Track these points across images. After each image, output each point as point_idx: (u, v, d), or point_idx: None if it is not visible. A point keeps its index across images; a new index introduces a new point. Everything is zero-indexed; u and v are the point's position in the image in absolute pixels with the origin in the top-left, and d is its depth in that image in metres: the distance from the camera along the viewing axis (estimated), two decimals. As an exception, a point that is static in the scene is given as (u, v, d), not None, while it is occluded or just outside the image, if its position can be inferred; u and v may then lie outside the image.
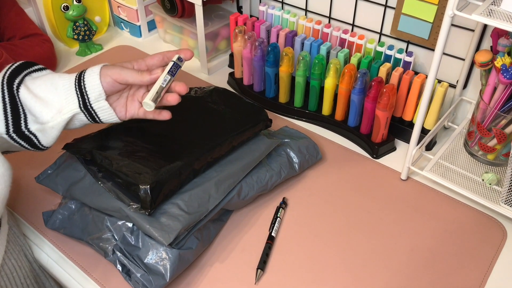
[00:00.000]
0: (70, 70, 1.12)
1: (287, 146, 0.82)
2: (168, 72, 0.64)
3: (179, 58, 0.66)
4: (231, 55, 1.12)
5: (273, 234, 0.74)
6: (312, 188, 0.83)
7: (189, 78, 1.10)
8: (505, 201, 0.73)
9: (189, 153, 0.71)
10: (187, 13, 1.08)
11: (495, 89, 0.76)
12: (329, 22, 1.02)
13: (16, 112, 0.60)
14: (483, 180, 0.79)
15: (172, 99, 0.66)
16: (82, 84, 0.61)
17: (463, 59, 0.87)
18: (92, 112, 0.63)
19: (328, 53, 0.93)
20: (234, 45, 1.01)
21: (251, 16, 1.14)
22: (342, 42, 0.96)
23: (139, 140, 0.73)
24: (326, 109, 0.95)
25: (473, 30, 0.83)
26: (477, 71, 0.88)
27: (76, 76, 0.62)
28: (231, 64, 1.13)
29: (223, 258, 0.71)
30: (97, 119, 0.65)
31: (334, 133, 0.95)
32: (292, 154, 0.82)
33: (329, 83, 0.90)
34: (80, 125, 0.66)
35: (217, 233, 0.74)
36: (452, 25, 0.85)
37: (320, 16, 1.03)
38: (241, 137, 0.77)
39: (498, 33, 0.74)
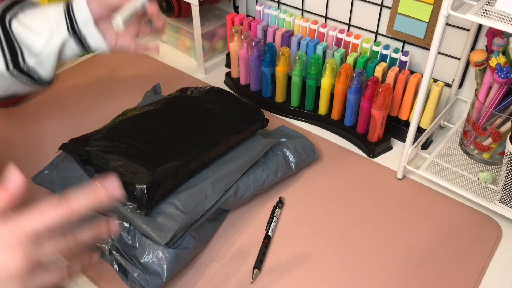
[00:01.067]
0: (68, 70, 1.12)
1: (283, 146, 0.83)
2: None
3: None
4: (228, 55, 1.13)
5: (269, 233, 0.74)
6: (309, 187, 0.83)
7: (186, 77, 1.11)
8: (500, 199, 0.73)
9: (185, 152, 0.71)
10: (183, 13, 1.08)
11: (490, 88, 0.76)
12: (325, 21, 1.02)
13: (12, 47, 0.62)
14: (478, 179, 0.79)
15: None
16: (70, 9, 0.64)
17: (459, 59, 0.88)
18: (81, 37, 0.65)
19: (324, 52, 0.94)
20: (230, 45, 1.01)
21: (247, 16, 1.14)
22: (338, 42, 0.96)
23: (135, 140, 0.73)
24: (322, 109, 0.95)
25: (468, 30, 0.84)
26: (472, 71, 0.88)
27: (65, 4, 0.65)
28: (228, 64, 1.14)
29: (220, 258, 0.71)
30: (86, 46, 0.66)
31: (330, 133, 0.95)
32: (288, 154, 0.82)
33: (326, 82, 0.90)
34: (72, 54, 0.68)
35: (214, 233, 0.75)
36: (448, 24, 0.86)
37: (316, 16, 1.03)
38: (237, 136, 0.77)
39: (493, 33, 0.74)
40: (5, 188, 0.38)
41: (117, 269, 0.67)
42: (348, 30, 1.00)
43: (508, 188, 0.71)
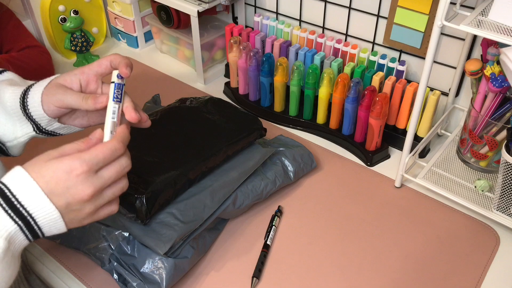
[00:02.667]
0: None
1: (282, 155, 0.83)
2: (114, 100, 0.56)
3: (118, 76, 0.58)
4: (227, 65, 1.14)
5: (268, 242, 0.74)
6: (307, 196, 0.83)
7: (186, 88, 1.12)
8: (497, 207, 0.74)
9: (184, 162, 0.72)
10: (183, 24, 1.10)
11: (485, 97, 0.77)
12: (323, 32, 1.03)
13: None
14: (475, 187, 0.80)
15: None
16: (28, 111, 0.58)
17: (455, 68, 0.89)
18: (50, 132, 0.61)
19: (322, 62, 0.95)
20: (229, 55, 1.02)
21: (246, 26, 1.16)
22: (335, 52, 0.97)
23: (134, 150, 0.73)
24: (320, 118, 0.96)
25: (463, 39, 0.85)
26: (468, 79, 0.89)
27: (20, 99, 0.58)
28: (227, 74, 1.15)
29: (219, 267, 0.72)
30: (57, 135, 0.62)
31: (328, 142, 0.96)
32: (287, 163, 0.83)
33: (323, 92, 0.91)
34: (43, 137, 0.62)
35: (213, 242, 0.75)
36: (444, 34, 0.87)
37: (314, 26, 1.04)
38: (236, 146, 0.78)
39: (488, 43, 0.75)
40: (88, 140, 0.52)
41: (116, 278, 0.67)
42: (346, 40, 1.01)
43: (505, 196, 0.72)
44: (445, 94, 0.92)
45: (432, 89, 0.88)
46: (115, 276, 0.68)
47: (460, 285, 0.69)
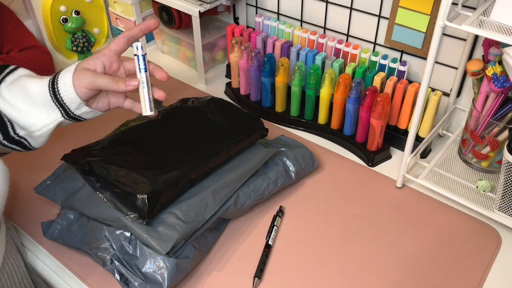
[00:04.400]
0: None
1: (283, 155, 0.83)
2: (140, 71, 0.62)
3: (137, 48, 0.62)
4: (228, 66, 1.14)
5: (270, 242, 0.74)
6: (309, 196, 0.83)
7: (187, 88, 1.12)
8: (499, 207, 0.74)
9: (186, 162, 0.72)
10: (184, 24, 1.10)
11: (487, 97, 0.77)
12: (324, 32, 1.03)
13: (1, 120, 0.60)
14: (477, 187, 0.80)
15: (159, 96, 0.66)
16: (58, 97, 0.60)
17: (456, 68, 0.89)
18: (76, 117, 0.63)
19: (323, 63, 0.95)
20: (230, 56, 1.02)
21: (247, 27, 1.16)
22: (337, 52, 0.97)
23: (136, 150, 0.74)
24: (322, 118, 0.96)
25: (465, 40, 0.85)
26: (470, 80, 0.89)
27: (49, 87, 0.60)
28: (228, 74, 1.15)
29: (221, 267, 0.72)
30: (82, 120, 0.65)
31: (330, 142, 0.96)
32: (288, 163, 0.83)
33: (325, 92, 0.91)
34: (67, 124, 0.65)
35: (214, 242, 0.75)
36: (445, 34, 0.87)
37: (315, 27, 1.04)
38: (237, 146, 0.78)
39: (489, 43, 0.75)
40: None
41: (118, 278, 0.67)
42: (347, 40, 1.01)
43: (506, 196, 0.72)
44: (446, 94, 0.92)
45: (433, 90, 0.88)
46: (117, 276, 0.68)
47: (461, 285, 0.69)
